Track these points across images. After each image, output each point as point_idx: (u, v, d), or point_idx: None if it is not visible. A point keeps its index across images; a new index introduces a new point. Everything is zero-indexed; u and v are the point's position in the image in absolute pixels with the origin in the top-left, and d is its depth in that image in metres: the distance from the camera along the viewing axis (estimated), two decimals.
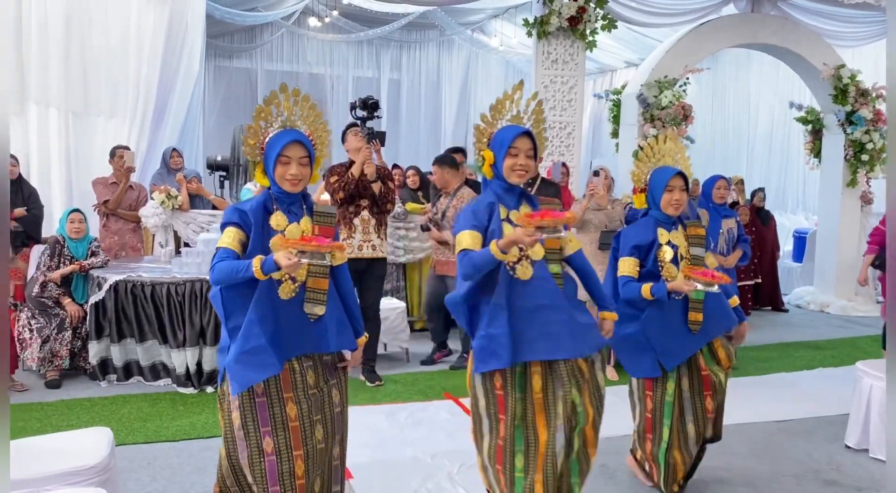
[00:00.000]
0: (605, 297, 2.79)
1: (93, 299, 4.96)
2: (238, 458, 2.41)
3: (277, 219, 2.44)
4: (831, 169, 8.67)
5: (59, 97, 6.77)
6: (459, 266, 2.48)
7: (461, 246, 2.49)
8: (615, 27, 7.68)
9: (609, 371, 5.09)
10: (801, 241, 9.94)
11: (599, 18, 7.42)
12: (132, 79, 7.36)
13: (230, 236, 2.39)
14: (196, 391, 4.80)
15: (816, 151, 8.88)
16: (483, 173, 2.63)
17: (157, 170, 6.84)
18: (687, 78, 7.95)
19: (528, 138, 2.56)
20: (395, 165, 7.29)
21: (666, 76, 7.65)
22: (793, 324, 7.68)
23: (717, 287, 2.95)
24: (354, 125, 4.91)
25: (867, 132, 8.25)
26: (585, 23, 7.27)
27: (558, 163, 6.69)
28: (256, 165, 2.51)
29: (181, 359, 4.83)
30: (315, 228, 2.50)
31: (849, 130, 8.32)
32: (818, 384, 5.26)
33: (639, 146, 3.34)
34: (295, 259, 2.20)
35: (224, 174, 6.97)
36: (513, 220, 2.51)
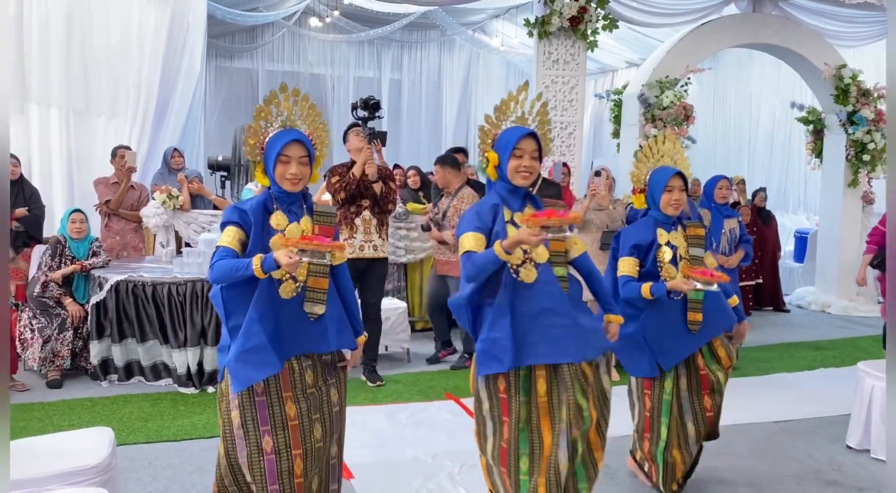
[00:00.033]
0: (611, 300, 2.75)
1: (94, 299, 4.96)
2: (237, 457, 2.41)
3: (277, 218, 2.44)
4: (832, 169, 8.66)
5: (60, 97, 6.78)
6: (463, 268, 2.45)
7: (464, 248, 2.46)
8: (616, 27, 7.68)
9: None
10: (802, 241, 9.93)
11: (600, 18, 7.42)
12: (133, 79, 7.37)
13: (230, 235, 2.39)
14: (197, 391, 4.81)
15: (818, 152, 8.88)
16: (487, 175, 2.60)
17: (159, 170, 6.84)
18: (688, 78, 7.95)
19: (533, 140, 2.54)
20: (396, 166, 7.29)
21: (667, 76, 7.65)
22: (794, 324, 7.68)
23: (716, 286, 2.95)
24: (356, 125, 4.90)
25: (868, 132, 8.24)
26: (586, 23, 7.27)
27: (559, 163, 6.68)
28: (257, 165, 2.52)
29: (182, 359, 4.83)
30: (315, 227, 2.50)
31: (850, 131, 8.32)
32: (819, 385, 5.26)
33: (640, 146, 3.34)
34: (296, 258, 2.20)
35: (225, 174, 6.97)
36: (517, 222, 2.47)
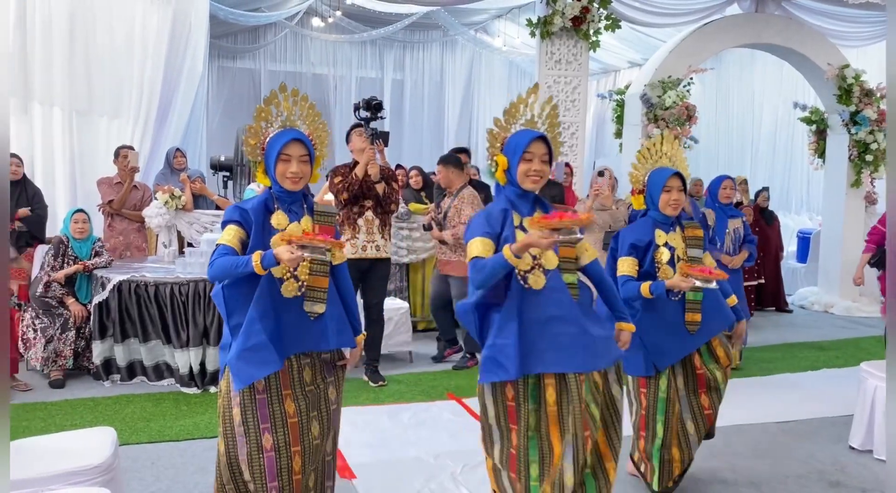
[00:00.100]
0: (622, 307, 2.68)
1: (96, 299, 4.96)
2: (237, 455, 2.42)
3: (278, 218, 2.46)
4: (835, 169, 8.65)
5: (63, 97, 6.78)
6: (471, 274, 2.40)
7: (472, 253, 2.41)
8: (619, 27, 7.67)
9: None
10: (805, 241, 9.92)
11: (603, 18, 7.42)
12: (136, 79, 7.37)
13: (230, 234, 2.41)
14: (199, 391, 4.81)
15: (820, 152, 8.87)
16: (496, 179, 2.54)
17: (161, 170, 6.85)
18: (691, 78, 7.95)
19: (543, 143, 2.49)
20: (398, 166, 7.29)
21: (670, 76, 7.65)
22: (797, 325, 7.67)
23: (714, 284, 2.95)
24: (359, 126, 4.91)
25: (871, 132, 8.23)
26: (589, 23, 7.26)
27: (561, 163, 6.68)
28: (258, 165, 2.53)
29: (184, 359, 4.84)
30: (316, 227, 2.52)
31: (853, 131, 8.31)
32: (822, 385, 5.25)
33: (643, 146, 3.35)
34: (297, 253, 2.22)
35: (227, 174, 6.98)
36: (526, 227, 2.41)
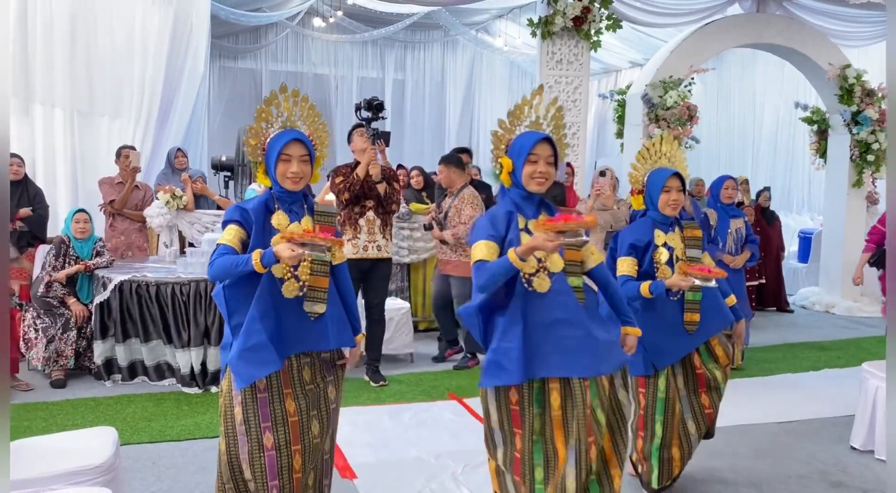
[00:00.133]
0: (628, 311, 2.65)
1: (98, 299, 4.97)
2: (237, 454, 2.42)
3: (279, 218, 2.47)
4: (837, 169, 8.64)
5: (64, 98, 6.78)
6: (475, 277, 2.37)
7: (476, 257, 2.38)
8: (620, 27, 7.66)
9: None
10: (806, 241, 9.91)
11: (604, 18, 7.41)
12: (137, 79, 7.37)
13: (231, 234, 2.42)
14: (201, 391, 4.81)
15: (822, 152, 8.86)
16: (501, 182, 2.51)
17: (162, 170, 6.84)
18: (692, 78, 7.94)
19: (549, 145, 2.46)
20: (399, 166, 7.29)
21: (671, 76, 7.64)
22: (798, 325, 7.66)
23: (714, 282, 2.96)
24: (360, 126, 4.91)
25: (873, 132, 8.22)
26: (590, 23, 7.26)
27: (562, 163, 6.68)
28: (258, 166, 2.54)
29: (186, 359, 4.84)
30: (316, 227, 2.53)
31: (854, 131, 8.30)
32: (823, 385, 5.24)
33: (643, 146, 3.36)
34: (298, 251, 2.23)
35: (229, 174, 6.98)
36: (531, 228, 2.40)
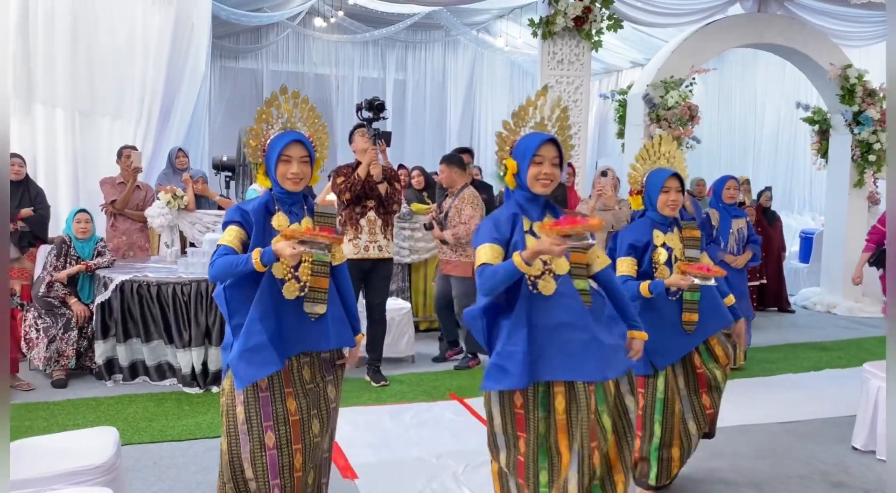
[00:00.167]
0: (635, 315, 2.61)
1: (99, 299, 4.97)
2: (239, 453, 2.43)
3: (279, 219, 2.48)
4: (838, 169, 8.64)
5: (65, 98, 6.78)
6: (479, 281, 2.34)
7: (481, 260, 2.36)
8: (621, 27, 7.66)
9: None
10: (807, 241, 9.91)
11: (605, 18, 7.41)
12: (138, 79, 7.37)
13: (231, 235, 2.43)
14: (202, 391, 4.81)
15: (823, 152, 8.85)
16: (506, 183, 2.49)
17: (163, 170, 6.85)
18: (693, 78, 7.93)
19: (554, 146, 2.43)
20: (400, 166, 7.29)
21: (672, 76, 7.64)
22: (799, 325, 7.65)
23: (713, 281, 2.96)
24: (362, 126, 4.91)
25: (874, 132, 8.21)
26: (591, 23, 7.26)
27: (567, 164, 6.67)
28: (258, 167, 2.55)
29: (187, 359, 4.84)
30: (316, 228, 2.54)
31: (856, 131, 8.30)
32: (825, 386, 5.24)
33: (642, 147, 3.37)
34: (298, 249, 2.25)
35: (230, 175, 6.98)
36: (536, 231, 2.36)
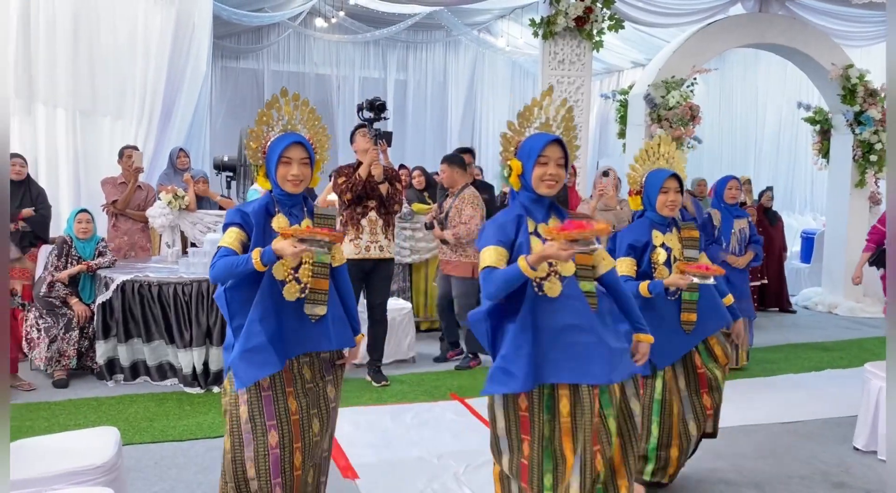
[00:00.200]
0: (640, 318, 2.58)
1: (100, 299, 4.97)
2: (242, 453, 2.43)
3: (279, 221, 2.48)
4: (839, 169, 8.63)
5: (66, 98, 6.79)
6: (483, 284, 2.33)
7: (485, 263, 2.33)
8: (622, 27, 7.66)
9: None
10: (808, 242, 9.90)
11: (606, 18, 7.41)
12: (139, 79, 7.38)
13: (231, 236, 2.44)
14: (203, 391, 4.81)
15: (824, 152, 8.85)
16: (510, 184, 2.47)
17: (164, 170, 6.85)
18: (694, 78, 7.93)
19: (559, 146, 2.40)
20: (401, 166, 7.29)
21: (673, 76, 7.63)
22: (800, 325, 7.65)
23: (712, 279, 2.96)
24: (363, 126, 4.92)
25: (875, 132, 8.21)
26: (592, 23, 7.26)
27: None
28: (259, 169, 2.56)
29: (188, 359, 4.84)
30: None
31: (857, 131, 8.29)
32: (826, 386, 5.23)
33: (642, 147, 3.38)
34: (300, 247, 2.26)
35: (231, 174, 6.98)
36: (541, 233, 2.34)
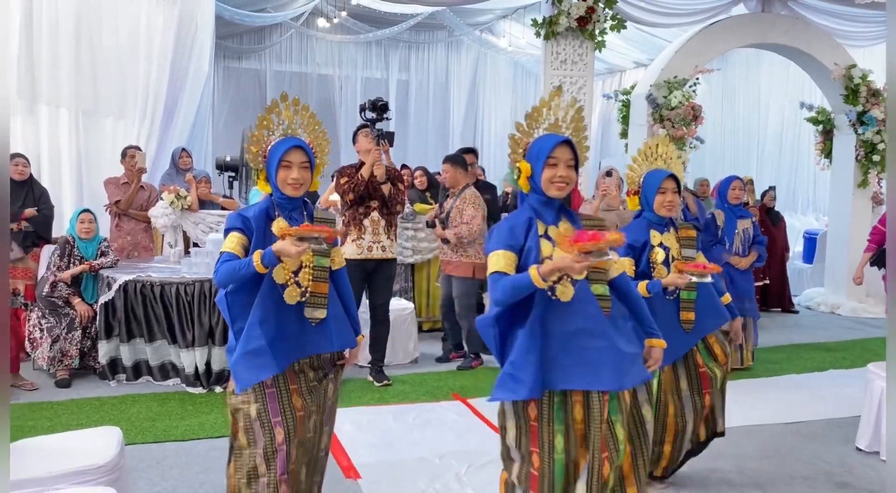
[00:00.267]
0: (652, 322, 2.55)
1: (102, 299, 4.97)
2: (252, 450, 2.45)
3: (279, 225, 2.49)
4: (842, 170, 8.62)
5: (69, 98, 6.80)
6: (492, 290, 2.27)
7: (493, 268, 2.27)
8: (624, 27, 7.65)
9: None
10: (811, 242, 9.88)
11: (608, 18, 7.40)
12: (142, 79, 7.39)
13: (233, 241, 2.46)
14: (205, 391, 4.81)
15: (827, 152, 8.84)
16: (519, 187, 2.41)
17: (167, 170, 6.86)
18: (697, 78, 7.92)
19: (569, 147, 2.34)
20: (403, 166, 7.29)
21: (676, 77, 7.63)
22: (803, 326, 7.64)
23: (710, 277, 2.97)
24: (365, 126, 4.93)
25: (878, 132, 8.20)
26: (594, 23, 7.25)
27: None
28: (259, 173, 2.58)
29: (190, 359, 4.84)
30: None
31: (860, 131, 8.28)
32: (829, 386, 5.23)
33: (641, 148, 3.39)
34: (302, 246, 2.27)
35: (233, 175, 6.99)
36: (551, 236, 2.30)
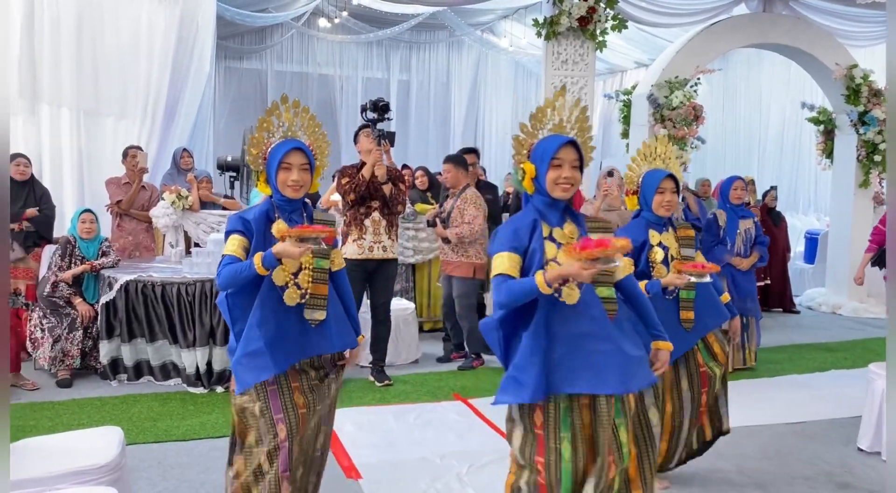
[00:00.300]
0: (659, 324, 2.51)
1: (104, 299, 4.98)
2: (256, 448, 2.46)
3: (279, 226, 2.49)
4: (843, 170, 8.61)
5: (70, 98, 6.81)
6: (496, 293, 2.24)
7: (498, 270, 2.24)
8: (625, 27, 7.65)
9: None
10: (812, 242, 9.88)
11: (609, 19, 7.41)
12: (143, 79, 7.39)
13: (234, 244, 2.47)
14: (206, 391, 4.82)
15: (828, 152, 8.83)
16: (524, 188, 2.39)
17: (168, 170, 6.86)
18: (698, 78, 7.92)
19: (574, 148, 2.32)
20: (404, 166, 7.29)
21: (677, 77, 7.62)
22: (805, 326, 7.63)
23: (709, 277, 2.97)
24: (366, 126, 4.93)
25: (880, 132, 8.19)
26: (595, 23, 7.25)
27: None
28: (259, 175, 2.58)
29: (191, 359, 4.84)
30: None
31: (861, 131, 8.27)
32: (830, 386, 5.22)
33: (640, 148, 3.40)
34: (303, 246, 2.29)
35: (234, 175, 6.99)
36: (556, 238, 2.28)
